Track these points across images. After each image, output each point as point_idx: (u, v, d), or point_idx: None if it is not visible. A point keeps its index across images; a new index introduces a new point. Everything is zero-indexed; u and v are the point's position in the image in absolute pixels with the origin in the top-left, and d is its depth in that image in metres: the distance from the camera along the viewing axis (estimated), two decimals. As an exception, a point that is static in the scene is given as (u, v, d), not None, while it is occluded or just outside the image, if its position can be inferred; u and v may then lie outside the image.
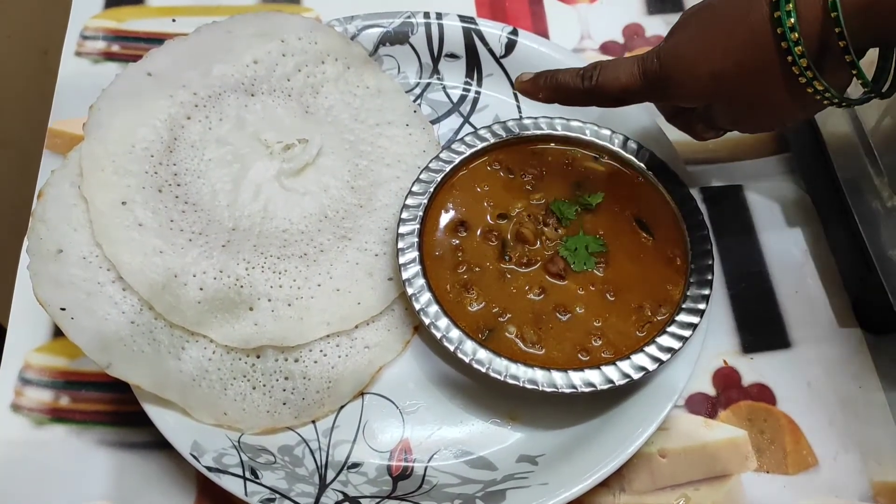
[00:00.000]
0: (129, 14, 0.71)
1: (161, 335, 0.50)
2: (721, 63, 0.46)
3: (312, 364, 0.52)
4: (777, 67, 0.45)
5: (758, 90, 0.47)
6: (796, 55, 0.44)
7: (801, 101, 0.46)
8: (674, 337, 0.50)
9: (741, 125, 0.52)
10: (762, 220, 0.62)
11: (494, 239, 0.55)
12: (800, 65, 0.44)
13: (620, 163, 0.58)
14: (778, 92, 0.46)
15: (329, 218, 0.56)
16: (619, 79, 0.51)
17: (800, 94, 0.45)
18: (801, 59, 0.44)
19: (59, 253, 0.50)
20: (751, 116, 0.50)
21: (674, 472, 0.52)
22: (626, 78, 0.50)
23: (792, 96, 0.46)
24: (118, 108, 0.55)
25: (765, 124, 0.53)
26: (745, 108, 0.49)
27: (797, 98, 0.46)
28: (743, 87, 0.47)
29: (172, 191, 0.54)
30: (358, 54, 0.62)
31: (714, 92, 0.48)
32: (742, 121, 0.51)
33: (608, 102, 0.53)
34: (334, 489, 0.49)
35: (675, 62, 0.48)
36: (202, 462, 0.48)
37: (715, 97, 0.49)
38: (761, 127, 0.54)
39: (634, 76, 0.50)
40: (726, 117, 0.51)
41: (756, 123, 0.52)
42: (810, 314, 0.58)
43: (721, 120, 0.51)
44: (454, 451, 0.51)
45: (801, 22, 0.43)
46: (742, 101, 0.48)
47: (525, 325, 0.51)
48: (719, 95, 0.48)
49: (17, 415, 0.53)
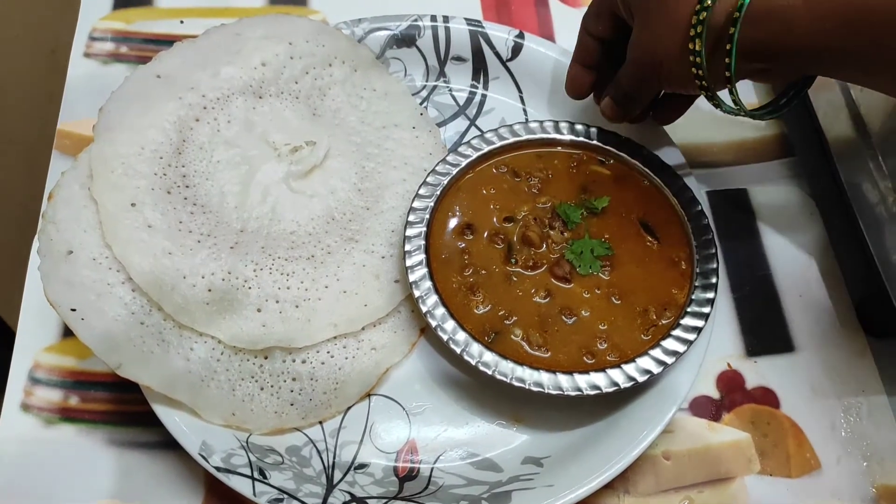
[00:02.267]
0: (138, 15, 0.71)
1: (170, 336, 0.51)
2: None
3: (320, 365, 0.52)
4: (685, 17, 0.47)
5: (663, 26, 0.48)
6: (696, 30, 0.46)
7: (681, 68, 0.48)
8: (678, 340, 0.51)
9: (633, 63, 0.52)
10: (767, 223, 0.62)
11: (501, 242, 0.55)
12: (697, 61, 0.47)
13: (626, 166, 0.58)
14: (672, 39, 0.48)
15: (336, 220, 0.56)
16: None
17: (684, 60, 0.48)
18: (696, 40, 0.46)
19: (69, 254, 0.51)
20: (644, 51, 0.51)
21: (678, 474, 0.53)
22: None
23: (680, 54, 0.48)
24: (127, 110, 0.55)
25: (647, 70, 0.52)
26: (646, 36, 0.50)
27: (681, 60, 0.48)
28: (658, 9, 0.48)
29: (181, 192, 0.54)
30: (365, 57, 0.63)
31: (639, 4, 0.50)
32: (635, 56, 0.52)
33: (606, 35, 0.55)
34: (341, 490, 0.49)
35: None
36: (211, 462, 0.48)
37: (638, 9, 0.50)
38: (643, 72, 0.52)
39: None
40: (631, 44, 0.52)
41: (643, 61, 0.51)
42: (814, 318, 0.58)
43: (629, 48, 0.52)
44: (460, 452, 0.52)
45: (718, 3, 0.45)
46: (647, 25, 0.50)
47: (531, 327, 0.52)
48: (640, 8, 0.50)
49: (27, 414, 0.54)
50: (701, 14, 0.46)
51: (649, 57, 0.50)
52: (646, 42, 0.50)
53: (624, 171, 0.58)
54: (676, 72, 0.49)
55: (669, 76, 0.50)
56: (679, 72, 0.49)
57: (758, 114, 0.51)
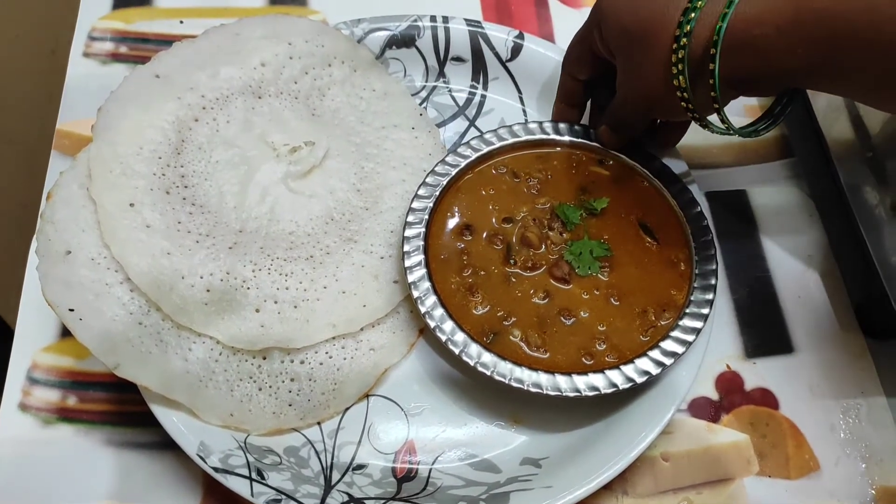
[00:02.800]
0: (137, 15, 0.71)
1: (168, 336, 0.51)
2: (632, 21, 0.49)
3: (318, 366, 0.52)
4: (665, 55, 0.48)
5: (646, 66, 0.49)
6: (678, 68, 0.47)
7: (670, 100, 0.49)
8: (677, 341, 0.51)
9: (623, 100, 0.53)
10: (766, 224, 0.62)
11: (500, 243, 0.55)
12: (684, 95, 0.48)
13: (625, 167, 0.58)
14: (657, 77, 0.49)
15: (335, 220, 0.56)
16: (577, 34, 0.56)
17: (671, 94, 0.49)
18: (680, 77, 0.47)
19: (67, 254, 0.51)
20: (632, 89, 0.52)
21: (676, 475, 0.53)
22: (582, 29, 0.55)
23: (666, 90, 0.49)
24: (126, 110, 0.55)
25: (639, 105, 0.53)
26: (631, 77, 0.51)
27: (669, 94, 0.49)
28: (639, 51, 0.49)
29: (180, 192, 0.54)
30: (364, 57, 0.63)
31: (619, 46, 0.51)
32: (624, 93, 0.53)
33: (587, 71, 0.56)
34: (339, 490, 0.49)
35: (610, 7, 0.51)
36: (209, 462, 0.48)
37: (619, 51, 0.51)
38: (636, 107, 0.53)
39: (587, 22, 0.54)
40: (619, 83, 0.53)
41: (633, 98, 0.52)
42: (813, 319, 0.58)
43: (617, 86, 0.53)
44: (458, 453, 0.52)
45: (694, 39, 0.46)
46: (631, 67, 0.51)
47: (530, 328, 0.52)
48: (621, 50, 0.51)
49: (25, 414, 0.54)
50: (679, 52, 0.46)
51: (637, 93, 0.51)
52: (631, 81, 0.51)
53: (623, 172, 0.58)
54: (666, 103, 0.50)
55: (660, 108, 0.52)
56: (668, 103, 0.49)
57: (750, 129, 0.51)
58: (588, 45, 0.54)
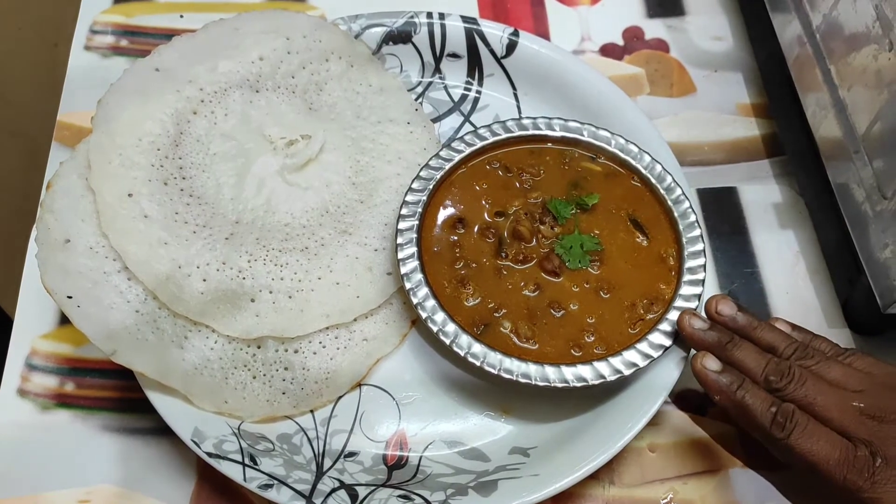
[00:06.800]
0: (138, 9, 0.72)
1: (165, 324, 0.52)
2: None
3: (312, 355, 0.53)
4: None
5: None
6: None
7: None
8: (665, 334, 0.52)
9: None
10: (755, 221, 0.63)
11: (492, 236, 0.56)
12: None
13: (617, 163, 0.59)
14: None
15: (330, 213, 0.57)
16: (813, 452, 0.44)
17: None
18: None
19: (66, 243, 0.52)
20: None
21: (663, 466, 0.53)
22: (824, 453, 0.44)
23: None
24: (126, 103, 0.56)
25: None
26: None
27: None
28: None
29: (178, 184, 0.55)
30: (361, 53, 0.63)
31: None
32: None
33: (789, 460, 0.46)
34: (331, 476, 0.50)
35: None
36: (203, 448, 0.49)
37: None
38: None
39: (836, 462, 0.43)
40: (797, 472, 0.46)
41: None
42: (800, 315, 0.58)
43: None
44: (448, 442, 0.53)
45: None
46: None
47: (520, 320, 0.53)
48: None
49: (24, 399, 0.55)
50: None
51: None
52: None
53: (614, 168, 0.59)
54: None
55: None
56: None
57: None
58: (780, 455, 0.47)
